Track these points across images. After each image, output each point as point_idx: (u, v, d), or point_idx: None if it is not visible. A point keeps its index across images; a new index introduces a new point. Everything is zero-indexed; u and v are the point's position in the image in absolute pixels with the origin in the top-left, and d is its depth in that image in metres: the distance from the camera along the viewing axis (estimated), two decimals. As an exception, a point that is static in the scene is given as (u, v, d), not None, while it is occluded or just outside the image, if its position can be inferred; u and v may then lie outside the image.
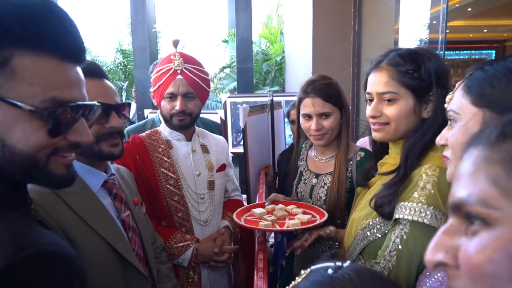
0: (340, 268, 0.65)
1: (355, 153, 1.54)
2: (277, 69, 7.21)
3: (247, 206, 1.61)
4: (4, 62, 0.56)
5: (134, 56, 4.64)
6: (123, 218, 1.07)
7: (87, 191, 0.98)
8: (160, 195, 1.50)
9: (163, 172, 1.52)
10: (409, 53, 1.02)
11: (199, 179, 1.58)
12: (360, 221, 1.10)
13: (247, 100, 3.50)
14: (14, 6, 0.56)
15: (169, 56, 1.52)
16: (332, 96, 1.50)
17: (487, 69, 0.69)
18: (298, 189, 1.65)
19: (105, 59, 9.07)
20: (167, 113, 1.52)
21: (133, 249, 1.06)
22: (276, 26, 7.94)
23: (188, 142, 1.61)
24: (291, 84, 4.95)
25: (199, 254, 1.50)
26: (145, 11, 4.40)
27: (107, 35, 9.38)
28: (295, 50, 4.49)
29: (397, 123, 1.02)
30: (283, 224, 1.40)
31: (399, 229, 0.94)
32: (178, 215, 1.53)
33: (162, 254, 1.37)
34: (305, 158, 1.70)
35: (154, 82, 1.53)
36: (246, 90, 4.36)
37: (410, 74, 0.99)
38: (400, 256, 0.92)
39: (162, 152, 1.55)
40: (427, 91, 1.00)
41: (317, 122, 1.50)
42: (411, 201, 0.93)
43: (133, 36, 4.62)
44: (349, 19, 3.48)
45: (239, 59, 4.42)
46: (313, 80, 1.54)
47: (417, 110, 1.01)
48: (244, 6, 4.18)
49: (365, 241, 1.06)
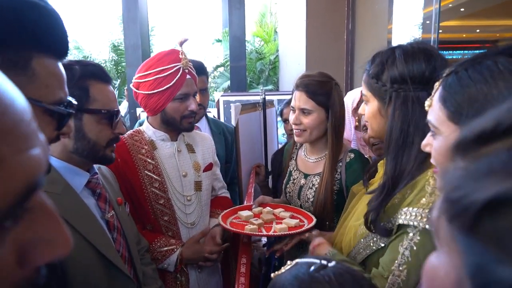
0: (324, 267, 0.64)
1: (345, 154, 1.50)
2: (271, 68, 7.20)
3: (233, 208, 1.58)
4: (26, 64, 0.59)
5: (126, 54, 4.59)
6: (108, 219, 1.05)
7: (69, 191, 0.95)
8: (144, 199, 1.43)
9: (147, 174, 1.44)
10: (382, 55, 1.01)
11: (185, 181, 1.51)
12: (359, 229, 1.07)
13: (240, 98, 3.48)
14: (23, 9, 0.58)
15: (175, 55, 1.40)
16: (317, 95, 1.45)
17: (461, 76, 0.65)
18: (287, 189, 1.62)
19: (98, 56, 8.98)
20: (178, 115, 1.43)
21: (118, 250, 1.04)
22: (270, 25, 7.93)
23: (173, 142, 1.52)
24: (285, 83, 4.94)
25: (184, 258, 1.45)
26: (137, 8, 4.36)
27: (100, 32, 9.29)
28: (289, 49, 4.48)
29: (370, 122, 1.06)
30: (269, 228, 1.38)
31: (407, 240, 0.88)
32: (164, 219, 1.47)
33: (146, 255, 1.34)
34: (295, 157, 1.67)
35: (155, 84, 1.37)
36: (239, 88, 4.34)
37: (372, 78, 1.00)
38: (410, 270, 0.87)
39: (145, 153, 1.46)
40: (387, 94, 0.98)
41: (296, 116, 1.47)
42: (418, 207, 0.88)
43: (125, 34, 4.58)
44: (343, 18, 3.48)
45: (232, 58, 4.40)
46: (307, 75, 1.50)
47: (383, 113, 1.00)
48: (238, 5, 4.16)
49: (367, 250, 1.02)
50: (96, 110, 1.01)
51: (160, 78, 1.36)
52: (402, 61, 0.95)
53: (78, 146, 0.98)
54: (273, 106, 2.51)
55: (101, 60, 8.82)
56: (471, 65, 0.64)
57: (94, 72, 1.02)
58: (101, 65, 1.11)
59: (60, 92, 0.65)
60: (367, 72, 1.03)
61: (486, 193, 0.22)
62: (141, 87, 1.40)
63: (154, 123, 1.50)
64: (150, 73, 1.37)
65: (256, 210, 1.53)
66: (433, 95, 0.72)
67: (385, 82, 0.97)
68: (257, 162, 2.14)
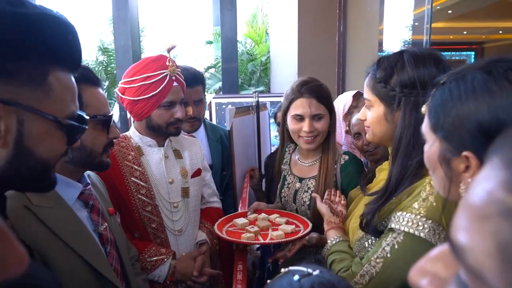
0: (309, 275, 0.67)
1: (339, 156, 1.51)
2: (263, 69, 7.20)
3: (229, 216, 1.57)
4: (43, 78, 0.59)
5: (117, 55, 4.53)
6: (101, 232, 1.02)
7: (62, 204, 0.92)
8: (131, 206, 1.40)
9: (134, 181, 1.41)
10: (389, 59, 1.00)
11: (172, 187, 1.48)
12: (356, 232, 1.08)
13: (232, 100, 3.46)
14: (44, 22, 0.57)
15: (162, 62, 1.38)
16: (326, 98, 1.49)
17: (445, 89, 0.66)
18: (282, 194, 1.61)
19: (87, 58, 8.86)
20: (164, 122, 1.41)
21: (111, 264, 1.01)
22: (261, 26, 7.92)
23: (161, 148, 1.49)
24: (276, 85, 4.93)
25: (176, 272, 1.41)
26: (127, 9, 4.31)
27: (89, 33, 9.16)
28: (281, 51, 4.48)
29: (372, 128, 1.05)
30: (266, 235, 1.38)
31: (391, 237, 0.91)
32: (152, 226, 1.44)
33: (136, 265, 1.31)
34: (289, 162, 1.66)
35: (141, 91, 1.35)
36: (231, 90, 4.32)
37: (379, 82, 0.99)
38: (387, 266, 0.89)
39: (132, 160, 1.43)
40: (396, 100, 0.98)
41: (310, 123, 1.45)
42: (410, 212, 0.89)
43: (115, 35, 4.52)
44: (334, 20, 3.48)
45: (224, 59, 4.38)
46: (306, 81, 1.50)
47: (389, 118, 1.00)
48: (229, 6, 4.14)
49: (363, 252, 1.03)
50: (91, 116, 0.98)
51: (146, 85, 1.34)
52: (413, 65, 0.95)
53: (74, 155, 0.94)
54: (266, 109, 2.50)
55: (90, 61, 8.71)
56: (456, 78, 0.66)
57: (85, 75, 0.98)
58: (89, 68, 1.07)
59: (72, 105, 0.65)
60: (372, 76, 1.02)
61: None
62: (127, 93, 1.37)
63: (140, 128, 1.48)
64: (135, 79, 1.35)
65: (252, 217, 1.52)
66: (428, 103, 0.73)
67: (394, 86, 0.96)
68: (251, 165, 2.13)
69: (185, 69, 1.80)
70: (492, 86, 0.60)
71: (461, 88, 0.63)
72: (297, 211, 1.55)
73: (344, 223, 1.25)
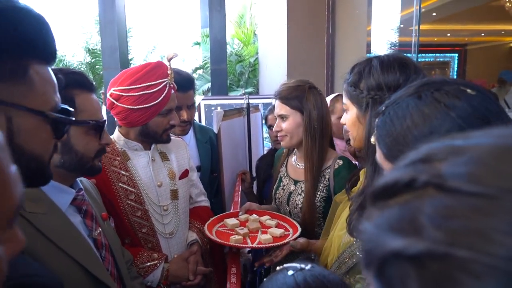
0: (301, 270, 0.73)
1: (333, 161, 1.50)
2: (251, 70, 7.20)
3: (220, 216, 1.57)
4: (24, 73, 0.58)
5: (103, 57, 4.46)
6: (95, 237, 1.00)
7: (55, 210, 0.90)
8: (121, 212, 1.37)
9: (121, 187, 1.38)
10: (360, 65, 1.05)
11: (160, 190, 1.46)
12: (343, 238, 1.08)
13: (221, 102, 3.45)
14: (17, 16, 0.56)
15: (164, 70, 1.37)
16: (290, 99, 1.50)
17: (385, 119, 0.69)
18: (277, 195, 1.62)
19: (72, 59, 8.72)
20: (160, 129, 1.40)
21: (107, 268, 1.00)
22: (249, 27, 7.93)
23: (147, 151, 1.46)
24: (265, 86, 4.94)
25: (170, 275, 1.39)
26: (114, 9, 4.25)
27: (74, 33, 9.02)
28: (269, 52, 4.49)
29: (351, 130, 1.10)
30: (255, 238, 1.38)
31: None
32: (142, 231, 1.41)
33: (132, 269, 1.29)
34: (286, 164, 1.67)
35: (142, 100, 1.31)
36: (220, 91, 4.31)
37: (350, 86, 1.04)
38: None
39: (118, 165, 1.40)
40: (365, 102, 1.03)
41: (277, 123, 1.55)
42: None
43: (101, 36, 4.45)
44: (323, 21, 3.51)
45: (213, 61, 4.36)
46: (283, 83, 1.57)
47: (361, 120, 1.04)
48: (218, 7, 4.12)
49: (353, 258, 1.03)
50: (84, 121, 0.97)
51: (147, 94, 1.31)
52: (378, 70, 1.00)
53: (65, 160, 0.94)
54: (259, 111, 2.50)
55: (76, 62, 8.57)
56: (393, 107, 0.69)
57: (78, 81, 0.97)
58: (84, 72, 1.07)
59: (55, 97, 0.64)
60: (346, 81, 1.08)
61: (385, 248, 0.27)
62: (123, 101, 1.32)
63: (127, 133, 1.44)
64: (135, 88, 1.30)
65: (242, 218, 1.52)
66: (374, 132, 0.76)
67: (363, 89, 1.01)
68: (241, 168, 2.12)
69: (177, 73, 1.77)
70: (424, 109, 0.64)
71: (398, 114, 0.67)
72: (290, 213, 1.56)
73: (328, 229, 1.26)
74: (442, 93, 0.64)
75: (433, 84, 0.66)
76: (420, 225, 0.26)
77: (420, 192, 0.28)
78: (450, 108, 0.62)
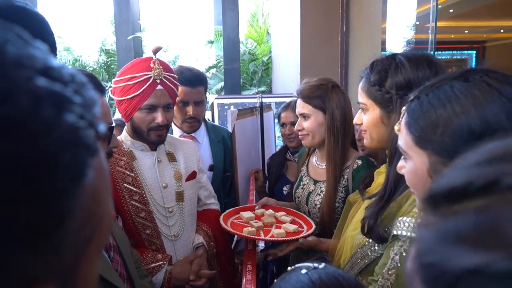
0: (315, 269, 0.72)
1: (353, 160, 1.48)
2: (264, 69, 7.19)
3: (236, 208, 1.58)
4: None
5: (118, 56, 4.53)
6: None
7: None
8: (125, 213, 1.37)
9: (126, 187, 1.38)
10: (382, 62, 1.00)
11: (166, 192, 1.45)
12: (356, 239, 1.06)
13: (234, 101, 3.45)
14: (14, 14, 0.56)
15: (147, 63, 1.36)
16: (312, 98, 1.48)
17: (423, 101, 0.66)
18: (296, 194, 1.61)
19: (88, 59, 8.86)
20: (144, 126, 1.38)
21: (116, 269, 0.99)
22: (262, 26, 7.91)
23: (153, 152, 1.46)
24: (278, 85, 4.92)
25: (172, 278, 1.38)
26: (129, 10, 4.30)
27: (90, 34, 9.16)
28: (282, 51, 4.47)
29: (369, 131, 1.05)
30: (268, 232, 1.38)
31: (398, 246, 0.89)
32: (146, 232, 1.41)
33: (141, 268, 1.29)
34: (307, 163, 1.66)
35: (124, 91, 1.34)
36: (233, 91, 4.31)
37: (373, 86, 0.99)
38: (399, 275, 0.87)
39: (124, 165, 1.39)
40: (392, 102, 0.98)
41: (298, 122, 1.53)
42: (412, 216, 0.88)
43: (116, 36, 4.51)
44: (337, 19, 3.47)
45: (226, 60, 4.37)
46: (305, 82, 1.54)
47: (385, 120, 1.00)
48: (231, 6, 4.13)
49: (366, 259, 1.02)
50: None
51: (128, 85, 1.33)
52: (407, 67, 0.95)
53: None
54: (271, 110, 2.50)
55: (92, 62, 8.71)
56: (431, 90, 0.66)
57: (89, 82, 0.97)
58: (93, 74, 1.03)
59: None
60: (366, 79, 1.02)
61: (459, 264, 0.22)
62: (113, 93, 1.39)
63: (129, 132, 1.47)
64: (121, 79, 1.35)
65: (259, 212, 1.53)
66: (401, 119, 0.73)
67: (389, 89, 0.96)
68: (255, 167, 2.12)
69: (188, 69, 1.79)
70: (474, 92, 0.61)
71: (441, 97, 0.64)
72: (309, 213, 1.55)
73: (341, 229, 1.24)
74: (491, 78, 0.61)
75: (478, 70, 0.64)
76: (506, 236, 0.22)
77: (502, 197, 0.24)
78: (501, 92, 0.59)
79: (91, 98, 0.29)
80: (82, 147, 0.25)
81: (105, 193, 0.30)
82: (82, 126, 0.26)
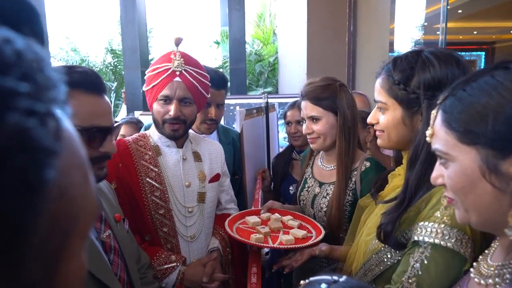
0: (335, 282, 0.65)
1: (361, 162, 1.43)
2: (270, 70, 7.17)
3: (241, 212, 1.53)
4: None
5: (124, 57, 4.54)
6: (103, 239, 0.96)
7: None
8: (144, 208, 1.35)
9: (148, 182, 1.35)
10: (407, 59, 0.94)
11: (188, 191, 1.42)
12: (370, 244, 1.02)
13: (240, 102, 3.43)
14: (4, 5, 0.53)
15: (169, 55, 1.35)
16: (322, 99, 1.42)
17: (461, 96, 0.62)
18: (301, 197, 1.56)
19: (95, 59, 8.92)
20: (159, 118, 1.36)
21: (116, 273, 0.96)
22: (269, 26, 7.90)
23: (179, 149, 1.43)
24: (284, 85, 4.90)
25: (185, 279, 1.34)
26: (135, 10, 4.31)
27: (97, 35, 9.22)
28: (289, 51, 4.44)
29: (388, 132, 0.99)
30: (276, 238, 1.33)
31: (418, 253, 0.85)
32: (164, 230, 1.38)
33: (148, 274, 1.25)
34: (312, 165, 1.61)
35: (148, 81, 1.36)
36: (239, 91, 4.30)
37: (397, 84, 0.93)
38: (420, 283, 0.83)
39: (149, 159, 1.38)
40: (418, 102, 0.92)
41: (307, 125, 1.45)
42: (433, 221, 0.83)
43: (123, 36, 4.52)
44: (344, 19, 3.44)
45: (232, 60, 4.36)
46: (309, 82, 1.47)
47: (407, 121, 0.94)
48: (237, 6, 4.12)
49: (381, 266, 0.97)
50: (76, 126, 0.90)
51: (151, 75, 1.36)
52: (436, 64, 0.89)
53: None
54: (275, 110, 2.47)
55: (99, 62, 8.76)
56: (467, 84, 0.62)
57: (78, 80, 0.86)
58: (91, 72, 0.94)
59: None
60: (388, 77, 0.96)
61: None
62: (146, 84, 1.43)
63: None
64: (149, 70, 1.39)
65: (264, 216, 1.48)
66: (432, 123, 0.67)
67: (415, 88, 0.90)
68: (261, 167, 2.09)
69: (213, 71, 1.76)
70: None
71: (484, 87, 0.59)
72: (315, 217, 1.50)
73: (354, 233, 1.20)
74: None
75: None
76: None
77: None
78: None
79: (47, 78, 0.24)
80: (34, 151, 0.21)
81: (79, 186, 0.26)
82: (32, 126, 0.21)
